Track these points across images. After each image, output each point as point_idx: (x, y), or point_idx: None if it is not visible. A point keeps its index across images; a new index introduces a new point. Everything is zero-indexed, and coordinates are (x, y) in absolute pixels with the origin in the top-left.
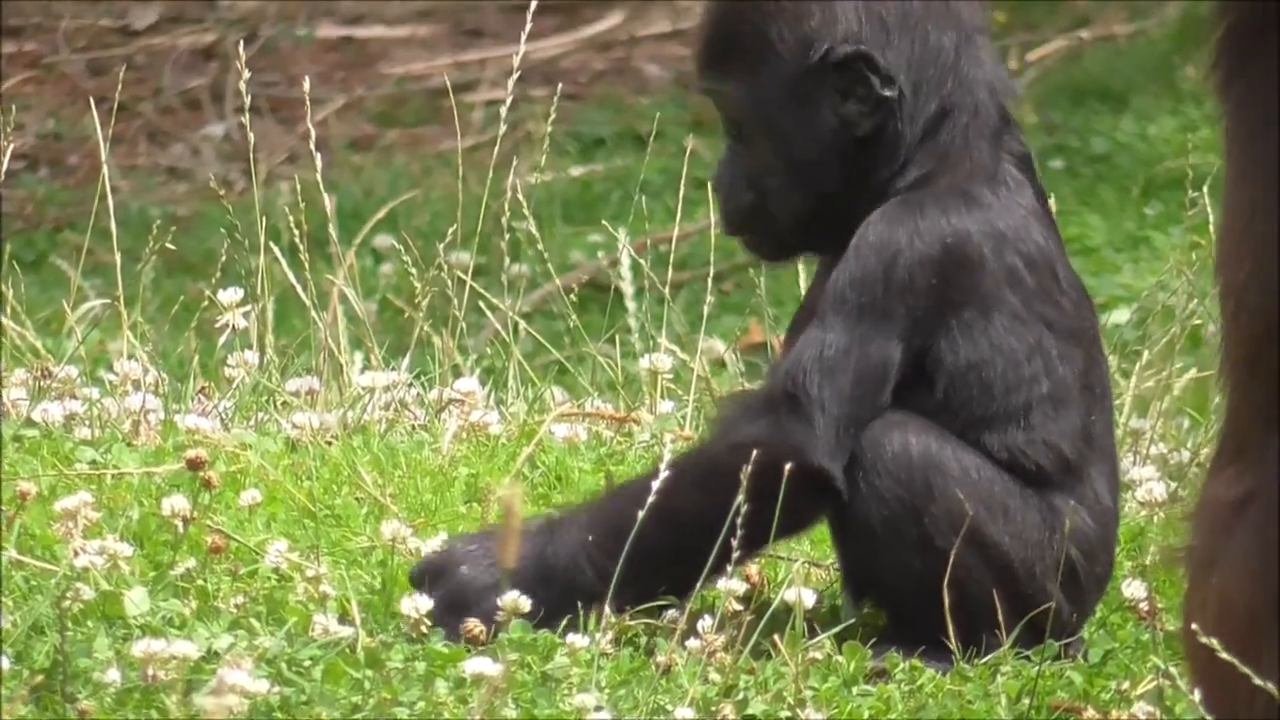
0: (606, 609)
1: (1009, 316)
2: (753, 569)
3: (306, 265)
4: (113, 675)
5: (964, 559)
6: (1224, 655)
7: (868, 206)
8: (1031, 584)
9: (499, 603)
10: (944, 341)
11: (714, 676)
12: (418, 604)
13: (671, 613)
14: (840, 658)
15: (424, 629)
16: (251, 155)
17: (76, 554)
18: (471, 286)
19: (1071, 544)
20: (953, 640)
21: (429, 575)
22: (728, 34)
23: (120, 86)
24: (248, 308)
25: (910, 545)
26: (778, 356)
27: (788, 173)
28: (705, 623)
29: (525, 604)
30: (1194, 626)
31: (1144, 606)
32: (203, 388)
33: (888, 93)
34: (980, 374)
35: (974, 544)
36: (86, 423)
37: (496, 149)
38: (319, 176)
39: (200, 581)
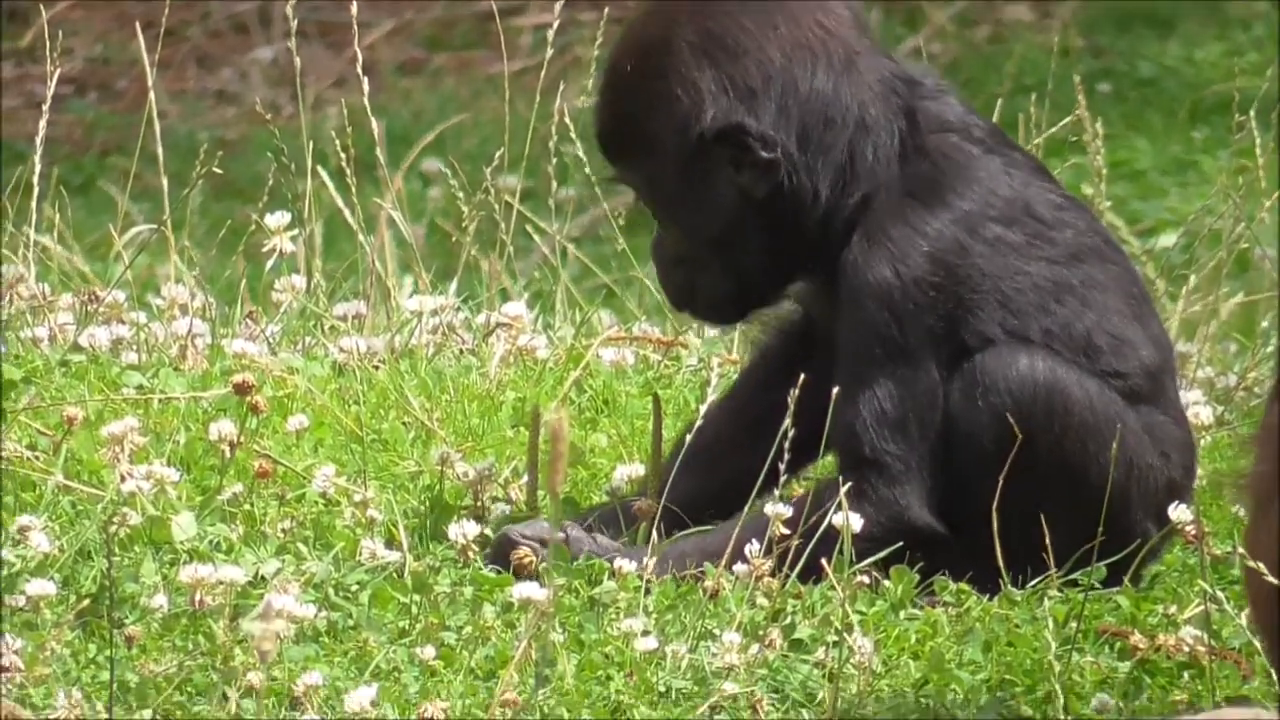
0: (649, 562)
1: (1013, 278)
2: (799, 491)
3: (354, 190)
4: (159, 600)
5: (1065, 489)
6: None
7: (825, 242)
8: (1132, 513)
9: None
10: (971, 333)
11: (761, 601)
12: (465, 530)
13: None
14: (888, 582)
15: (471, 554)
16: (299, 80)
17: (123, 479)
18: (519, 211)
19: (1176, 464)
20: (1001, 563)
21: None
22: (617, 126)
23: (168, 11)
24: (295, 232)
25: (1022, 468)
26: (832, 412)
27: (706, 248)
28: (752, 547)
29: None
30: (1254, 563)
31: (1191, 530)
32: (250, 312)
33: (769, 155)
34: (1027, 331)
35: (1077, 476)
36: (133, 347)
37: (544, 73)
38: (366, 101)
39: (247, 506)
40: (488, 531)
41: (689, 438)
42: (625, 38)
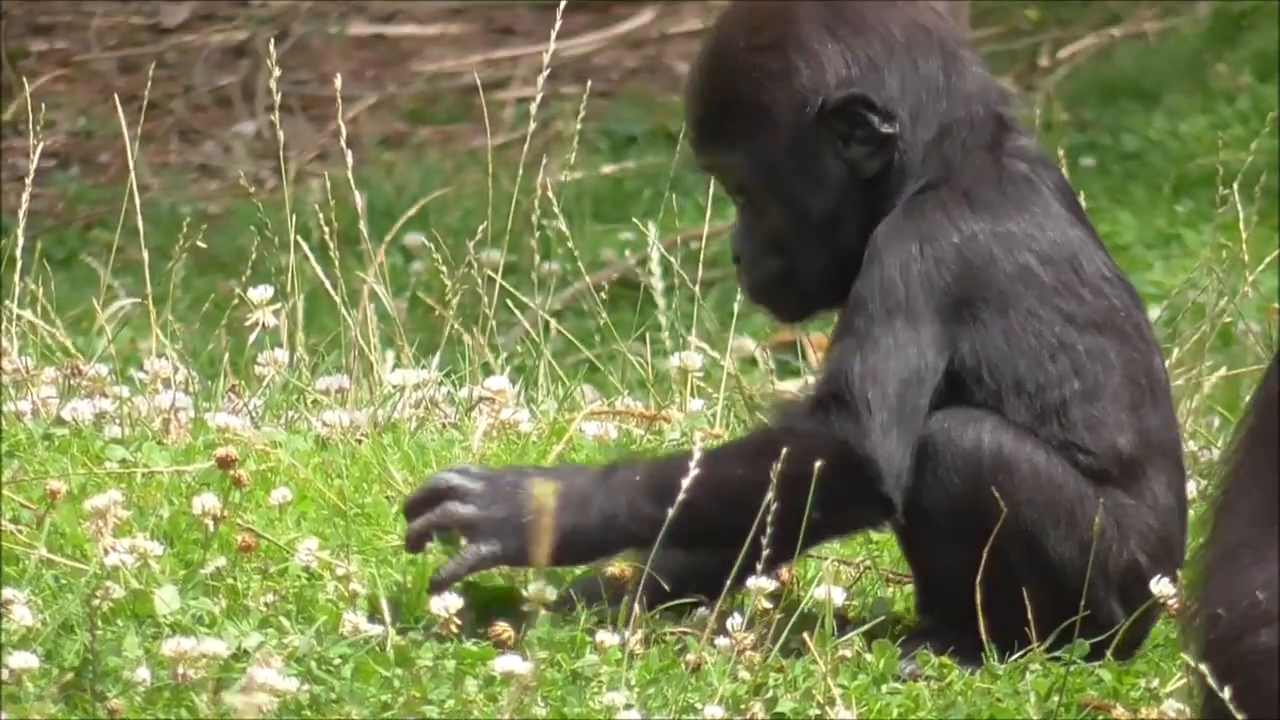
0: (630, 635)
1: (1024, 314)
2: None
3: (337, 263)
4: (142, 674)
5: (1022, 563)
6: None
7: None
8: (1093, 590)
9: (527, 594)
10: (968, 345)
11: (743, 675)
12: (447, 604)
13: (701, 611)
14: (870, 656)
15: (454, 628)
16: (282, 153)
17: (107, 552)
18: (502, 284)
19: (1137, 547)
20: (984, 637)
21: (423, 503)
22: (720, 107)
23: (151, 84)
24: (278, 305)
25: (971, 542)
26: (818, 366)
27: (807, 230)
28: (735, 621)
29: (551, 594)
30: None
31: (1174, 603)
32: (233, 386)
33: (888, 129)
34: (1006, 374)
35: (1033, 549)
36: (117, 421)
37: (527, 146)
38: (350, 174)
39: (230, 580)
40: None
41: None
42: (733, 16)
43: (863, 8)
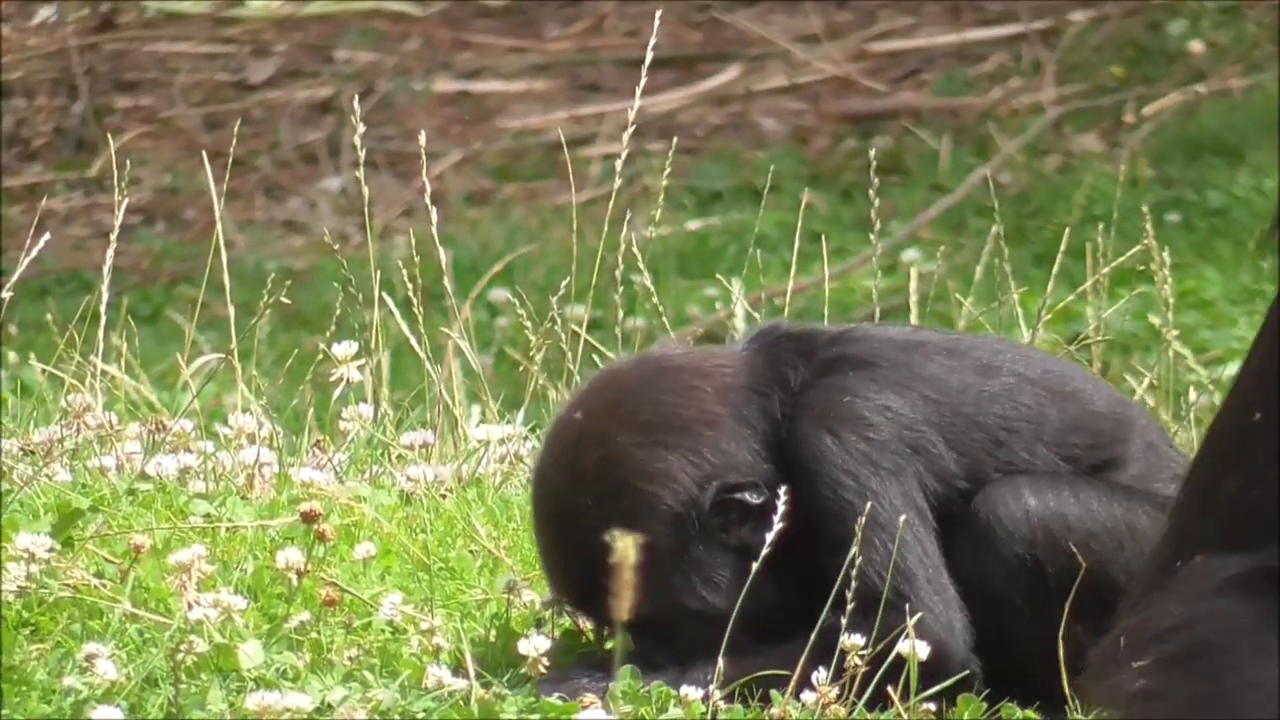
0: (715, 690)
1: (967, 403)
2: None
3: (421, 319)
4: None
5: (1086, 607)
6: None
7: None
8: None
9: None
10: (953, 472)
11: None
12: (535, 645)
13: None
14: (954, 710)
15: (541, 669)
16: (367, 209)
17: (191, 607)
18: (586, 339)
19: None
20: (1067, 689)
21: None
22: (590, 571)
23: (236, 141)
24: (362, 361)
25: (1031, 603)
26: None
27: (720, 618)
28: (819, 675)
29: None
30: None
31: None
32: (317, 441)
33: (756, 499)
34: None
35: (1095, 589)
36: (201, 476)
37: (612, 203)
38: (434, 230)
39: (314, 634)
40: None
41: None
42: (552, 477)
43: (657, 403)
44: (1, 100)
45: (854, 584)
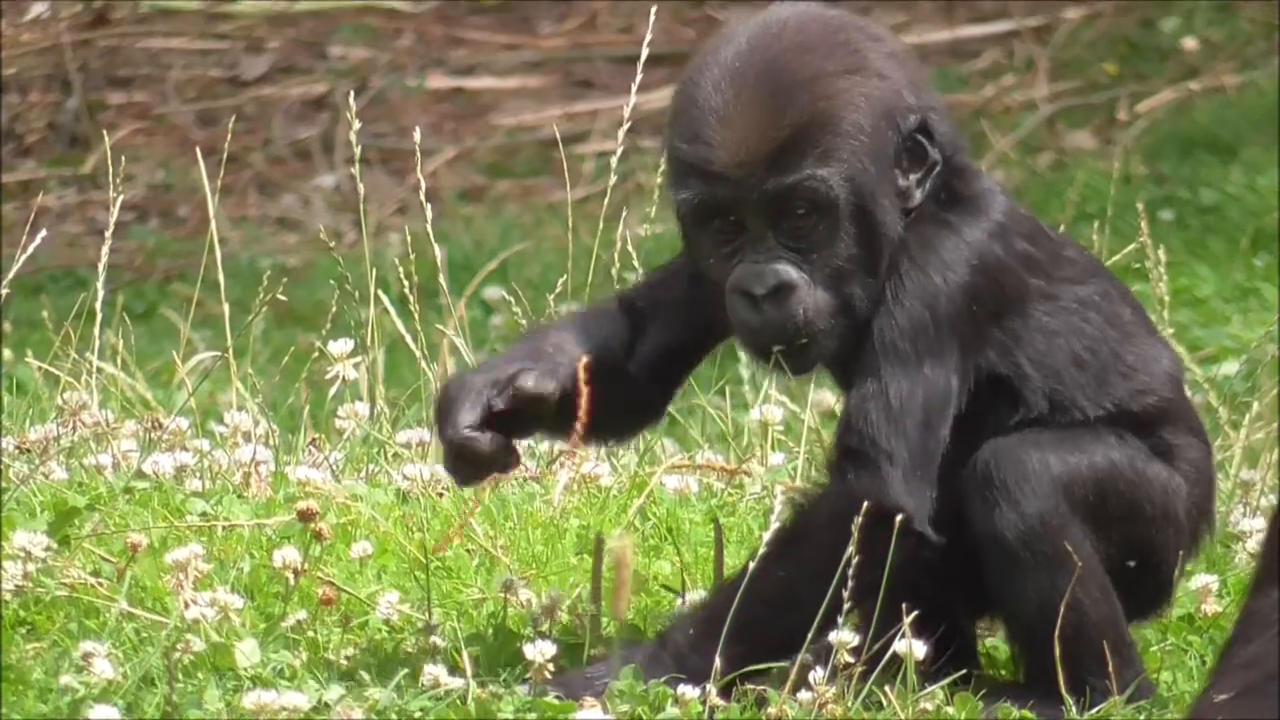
0: (711, 688)
1: (1041, 297)
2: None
3: (417, 316)
4: None
5: (1123, 557)
6: None
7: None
8: (1174, 549)
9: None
10: (1006, 355)
11: None
12: (541, 649)
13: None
14: (951, 709)
15: (547, 674)
16: (362, 206)
17: (187, 606)
18: None
19: (1197, 483)
20: (1063, 690)
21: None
22: (815, 124)
23: (230, 137)
24: (358, 359)
25: (1051, 563)
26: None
27: (869, 260)
28: (816, 674)
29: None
30: None
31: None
32: (313, 439)
33: (936, 157)
34: (1059, 359)
35: (1130, 540)
36: (197, 475)
37: (607, 200)
38: (429, 227)
39: (311, 633)
40: (561, 662)
41: None
42: (779, 36)
43: (890, 36)
44: None
45: (842, 424)
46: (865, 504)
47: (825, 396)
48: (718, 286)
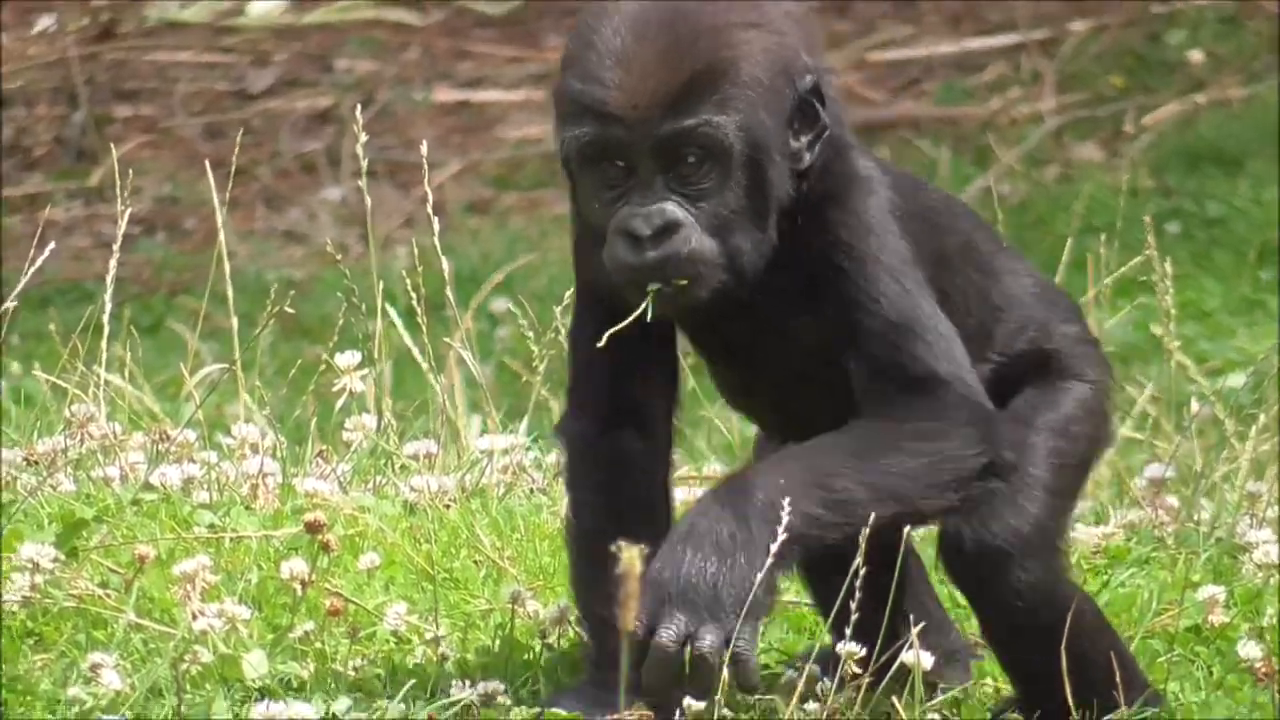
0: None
1: (963, 245)
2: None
3: (424, 329)
4: None
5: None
6: None
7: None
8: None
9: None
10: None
11: None
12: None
13: (790, 674)
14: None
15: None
16: (369, 219)
17: (195, 617)
18: None
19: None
20: (1070, 702)
21: None
22: (716, 70)
23: (237, 150)
24: (365, 371)
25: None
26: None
27: (757, 213)
28: (824, 684)
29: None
30: None
31: (1261, 668)
32: (321, 451)
33: (828, 120)
34: (989, 300)
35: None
36: (205, 486)
37: None
38: (436, 240)
39: (319, 644)
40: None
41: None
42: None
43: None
44: (2, 109)
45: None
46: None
47: None
48: (598, 233)
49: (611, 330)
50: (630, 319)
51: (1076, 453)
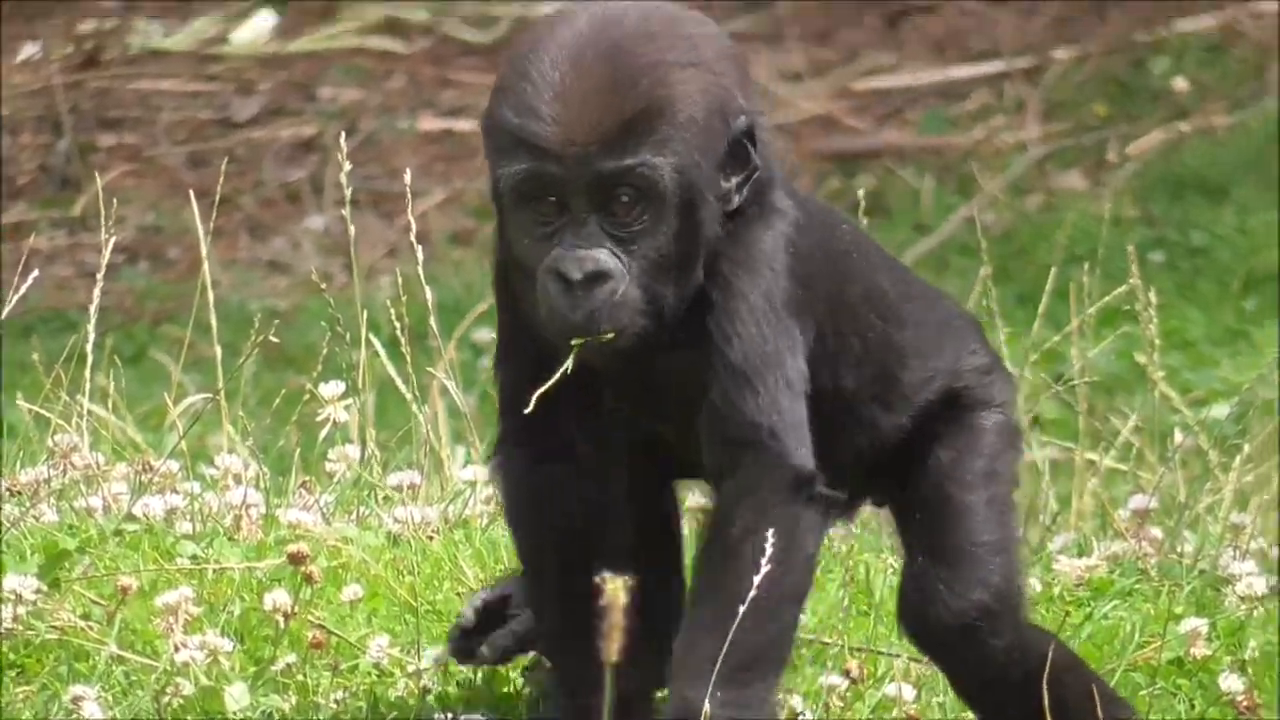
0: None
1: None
2: (853, 664)
3: (407, 359)
4: None
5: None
6: None
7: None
8: None
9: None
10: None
11: None
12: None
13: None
14: None
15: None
16: (352, 248)
17: (177, 649)
18: None
19: None
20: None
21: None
22: (655, 110)
23: (221, 179)
24: (348, 401)
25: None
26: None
27: (687, 257)
28: (805, 718)
29: None
30: None
31: (1243, 701)
32: (304, 482)
33: (759, 162)
34: (889, 321)
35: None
36: (187, 517)
37: None
38: (420, 270)
39: (301, 677)
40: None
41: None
42: (622, 25)
43: (724, 35)
44: None
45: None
46: (787, 478)
47: None
48: (527, 270)
49: (538, 391)
50: (555, 378)
51: (1009, 481)
